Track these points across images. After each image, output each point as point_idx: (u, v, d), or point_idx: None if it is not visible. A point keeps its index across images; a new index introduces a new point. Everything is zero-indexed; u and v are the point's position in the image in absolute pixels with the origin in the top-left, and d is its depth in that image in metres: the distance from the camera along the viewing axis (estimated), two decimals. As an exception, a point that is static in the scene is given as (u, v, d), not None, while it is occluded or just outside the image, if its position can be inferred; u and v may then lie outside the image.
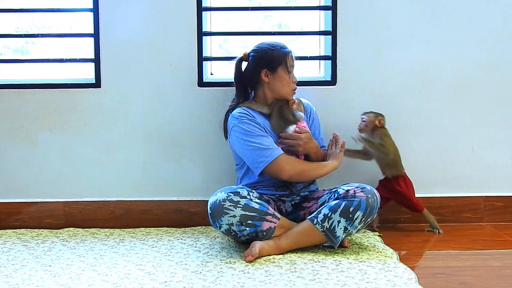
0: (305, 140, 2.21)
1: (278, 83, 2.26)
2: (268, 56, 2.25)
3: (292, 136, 2.20)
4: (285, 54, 2.25)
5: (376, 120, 2.40)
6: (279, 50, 2.26)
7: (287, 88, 2.28)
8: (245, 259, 2.01)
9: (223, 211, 2.04)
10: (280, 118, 2.22)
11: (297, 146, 2.20)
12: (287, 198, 2.30)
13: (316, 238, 2.10)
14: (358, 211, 2.07)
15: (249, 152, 2.18)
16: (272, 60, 2.25)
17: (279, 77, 2.26)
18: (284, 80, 2.26)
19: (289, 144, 2.20)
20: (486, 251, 2.21)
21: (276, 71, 2.25)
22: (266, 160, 2.15)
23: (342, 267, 1.94)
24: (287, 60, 2.25)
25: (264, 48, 2.28)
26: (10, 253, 2.16)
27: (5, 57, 2.76)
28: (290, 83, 2.28)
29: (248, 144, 2.18)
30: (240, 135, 2.20)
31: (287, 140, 2.21)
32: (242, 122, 2.21)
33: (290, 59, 2.26)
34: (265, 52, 2.27)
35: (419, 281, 1.80)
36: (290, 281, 1.79)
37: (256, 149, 2.17)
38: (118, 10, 2.52)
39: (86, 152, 2.57)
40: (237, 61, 2.32)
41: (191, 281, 1.80)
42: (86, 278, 1.85)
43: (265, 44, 2.30)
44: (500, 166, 2.63)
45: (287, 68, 2.25)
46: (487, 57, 2.59)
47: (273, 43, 2.30)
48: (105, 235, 2.42)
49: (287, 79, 2.26)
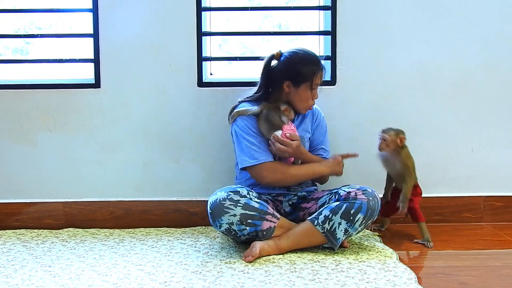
0: (295, 148, 2.16)
1: (297, 98, 2.24)
2: (296, 70, 2.20)
3: (284, 142, 2.14)
4: (314, 72, 2.20)
5: (397, 139, 2.26)
6: (309, 66, 2.20)
7: (305, 104, 2.25)
8: (245, 259, 2.01)
9: (223, 210, 2.04)
10: (266, 122, 2.19)
11: (286, 153, 2.17)
12: (284, 198, 2.30)
13: (316, 239, 2.10)
14: (359, 213, 2.06)
15: (241, 148, 2.20)
16: (298, 75, 2.20)
17: (300, 93, 2.22)
18: (303, 97, 2.23)
19: (279, 149, 2.15)
20: (486, 251, 2.21)
21: (299, 86, 2.22)
22: (251, 162, 2.17)
23: (342, 267, 1.94)
24: (313, 79, 2.20)
25: (295, 59, 2.22)
26: (10, 253, 2.15)
27: (4, 57, 2.76)
28: (309, 100, 2.24)
29: (243, 140, 2.20)
30: (240, 129, 2.21)
31: (278, 144, 2.15)
32: (248, 117, 2.22)
33: (318, 77, 2.21)
34: (295, 64, 2.21)
35: (419, 281, 1.80)
36: (290, 281, 1.79)
37: (247, 148, 2.18)
38: (118, 10, 2.52)
39: (86, 153, 2.57)
40: (267, 58, 2.27)
41: (191, 281, 1.80)
42: (86, 279, 1.84)
43: (299, 54, 2.23)
44: (500, 166, 2.63)
45: (311, 86, 2.21)
46: (487, 57, 2.59)
47: (307, 56, 2.23)
48: (104, 235, 2.42)
49: (306, 96, 2.23)
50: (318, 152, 2.34)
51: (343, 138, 2.57)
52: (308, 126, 2.35)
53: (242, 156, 2.20)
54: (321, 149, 2.36)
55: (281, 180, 2.21)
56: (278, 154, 2.19)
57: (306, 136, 2.33)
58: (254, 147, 2.18)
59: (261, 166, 2.17)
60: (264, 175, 2.17)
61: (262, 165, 2.17)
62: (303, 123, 2.34)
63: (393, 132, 2.27)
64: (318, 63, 2.23)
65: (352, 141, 2.57)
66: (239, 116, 2.23)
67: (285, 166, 2.21)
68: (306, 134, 2.33)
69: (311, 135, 2.35)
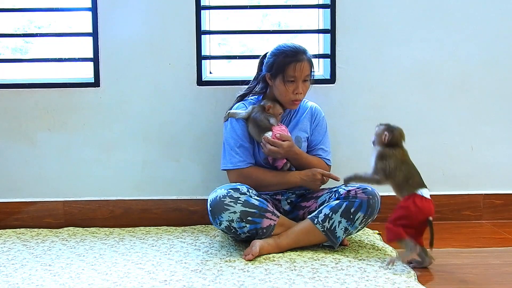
0: (286, 149, 2.15)
1: (276, 91, 2.24)
2: (272, 61, 2.21)
3: (275, 143, 2.13)
4: (289, 63, 2.15)
5: (382, 134, 2.00)
6: (281, 57, 2.17)
7: (284, 98, 2.21)
8: (245, 257, 2.01)
9: (223, 207, 2.04)
10: (255, 125, 2.19)
11: (277, 154, 2.16)
12: (282, 197, 2.30)
13: (316, 237, 2.10)
14: (359, 212, 2.07)
15: (224, 149, 2.28)
16: (272, 67, 2.20)
17: (277, 85, 2.22)
18: (280, 90, 2.20)
19: (270, 150, 2.14)
20: (486, 248, 2.21)
21: (275, 79, 2.21)
22: (228, 165, 2.24)
23: (342, 265, 1.94)
24: (285, 70, 2.15)
25: (273, 52, 2.23)
26: (10, 252, 2.15)
27: (4, 56, 2.75)
28: (288, 94, 2.18)
29: (226, 143, 2.27)
30: (226, 132, 2.28)
31: (268, 146, 2.14)
32: (238, 120, 2.24)
33: (291, 69, 2.15)
34: (272, 56, 2.22)
35: (418, 279, 1.81)
36: (289, 279, 1.80)
37: (228, 151, 2.25)
38: (117, 9, 2.52)
39: (85, 152, 2.57)
40: (262, 56, 2.32)
41: (191, 280, 1.80)
42: (86, 277, 1.85)
43: (279, 46, 2.22)
44: (500, 164, 2.63)
45: (284, 78, 2.16)
46: (486, 55, 2.59)
47: (285, 48, 2.20)
48: (104, 234, 2.42)
49: (282, 89, 2.18)
50: (317, 152, 2.33)
51: (342, 137, 2.57)
52: (306, 126, 2.34)
53: (223, 158, 2.27)
54: (320, 149, 2.33)
55: (253, 187, 2.17)
56: (270, 155, 2.19)
57: (303, 136, 2.31)
58: (233, 152, 2.23)
59: (236, 172, 2.22)
60: (237, 181, 2.19)
61: (237, 170, 2.22)
62: (300, 122, 2.33)
63: (383, 127, 2.03)
64: (294, 55, 2.16)
65: (351, 140, 2.57)
66: (230, 117, 2.27)
67: (261, 173, 2.22)
68: (303, 134, 2.31)
69: (309, 135, 2.34)
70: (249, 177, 2.21)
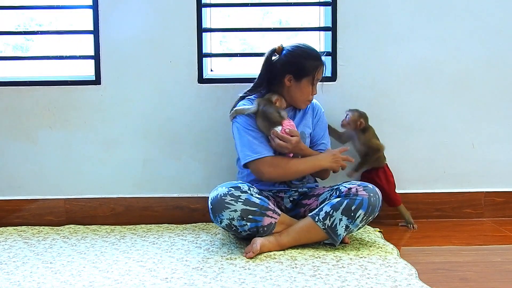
0: (295, 144, 2.16)
1: (298, 92, 2.25)
2: (298, 64, 2.22)
3: (284, 138, 2.15)
4: (316, 66, 2.22)
5: (358, 121, 2.39)
6: (312, 60, 2.22)
7: (305, 98, 2.27)
8: (246, 255, 2.01)
9: (224, 206, 2.04)
10: (265, 119, 2.19)
11: (284, 149, 2.17)
12: (285, 195, 2.30)
13: (317, 235, 2.10)
14: (360, 209, 2.06)
15: (242, 142, 2.21)
16: (300, 69, 2.21)
17: (301, 87, 2.23)
18: (304, 91, 2.24)
19: (279, 145, 2.16)
20: (487, 246, 2.21)
21: (301, 81, 2.23)
22: (253, 156, 2.17)
23: (343, 263, 1.94)
24: (315, 73, 2.22)
25: (298, 53, 2.23)
26: (11, 250, 2.16)
27: (4, 54, 2.75)
28: (309, 95, 2.26)
29: (245, 135, 2.20)
30: (240, 125, 2.22)
31: (277, 140, 2.16)
32: (246, 115, 2.22)
33: (319, 72, 2.24)
34: (298, 58, 2.22)
35: (420, 276, 1.81)
36: (291, 277, 1.80)
37: (249, 142, 2.19)
38: (118, 7, 2.52)
39: (86, 149, 2.57)
40: (269, 52, 2.27)
41: (192, 278, 1.81)
42: (87, 275, 1.85)
43: (302, 48, 2.25)
44: (501, 162, 2.63)
45: (313, 81, 2.23)
46: (488, 53, 2.58)
47: (309, 50, 2.25)
48: (106, 232, 2.42)
49: (307, 91, 2.24)
50: (319, 147, 2.34)
51: (344, 134, 2.57)
52: (309, 122, 2.35)
53: (244, 150, 2.20)
54: (322, 144, 2.35)
55: (282, 175, 2.21)
56: (277, 150, 2.19)
57: (307, 132, 2.33)
58: (256, 141, 2.19)
59: (262, 160, 2.17)
60: (266, 170, 2.17)
61: (264, 159, 2.17)
62: (304, 118, 2.34)
63: (357, 113, 2.41)
64: (319, 58, 2.24)
65: (352, 137, 2.57)
66: (237, 114, 2.24)
67: (286, 160, 2.21)
68: (307, 130, 2.33)
69: (312, 130, 2.35)
70: (277, 165, 2.19)
